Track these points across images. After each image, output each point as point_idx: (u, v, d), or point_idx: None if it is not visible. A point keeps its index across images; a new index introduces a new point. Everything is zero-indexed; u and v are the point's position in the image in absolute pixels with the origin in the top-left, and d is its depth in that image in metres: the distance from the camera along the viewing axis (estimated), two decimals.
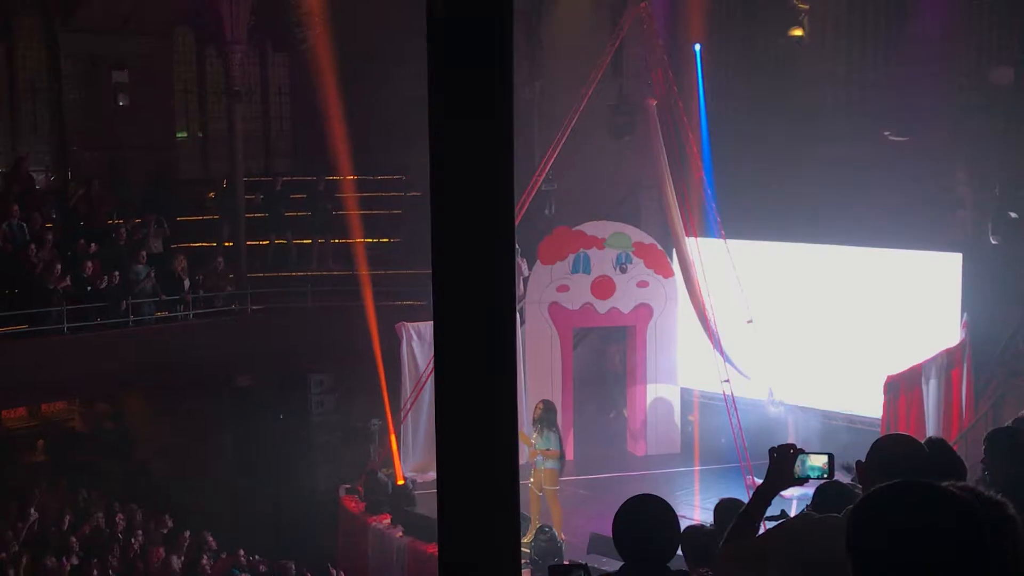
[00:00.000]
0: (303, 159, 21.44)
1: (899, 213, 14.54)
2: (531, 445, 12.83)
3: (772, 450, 3.91)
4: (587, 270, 16.28)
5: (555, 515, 12.95)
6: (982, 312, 14.01)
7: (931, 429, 12.42)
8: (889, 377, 12.36)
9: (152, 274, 17.29)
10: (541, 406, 13.10)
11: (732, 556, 3.89)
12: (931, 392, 12.81)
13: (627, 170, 17.26)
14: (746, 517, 3.93)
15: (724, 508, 6.35)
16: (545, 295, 16.20)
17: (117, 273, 16.88)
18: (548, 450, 12.82)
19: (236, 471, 18.07)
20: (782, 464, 3.86)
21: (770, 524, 4.29)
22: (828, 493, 5.36)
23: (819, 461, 3.85)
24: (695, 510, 13.37)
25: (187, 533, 14.78)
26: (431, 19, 2.81)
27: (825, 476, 3.87)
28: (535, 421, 12.96)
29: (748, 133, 16.04)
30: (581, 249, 16.28)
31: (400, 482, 14.64)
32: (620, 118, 16.69)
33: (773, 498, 3.92)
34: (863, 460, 4.09)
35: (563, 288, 16.25)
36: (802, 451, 3.86)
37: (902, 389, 12.38)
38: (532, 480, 12.99)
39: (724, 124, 16.11)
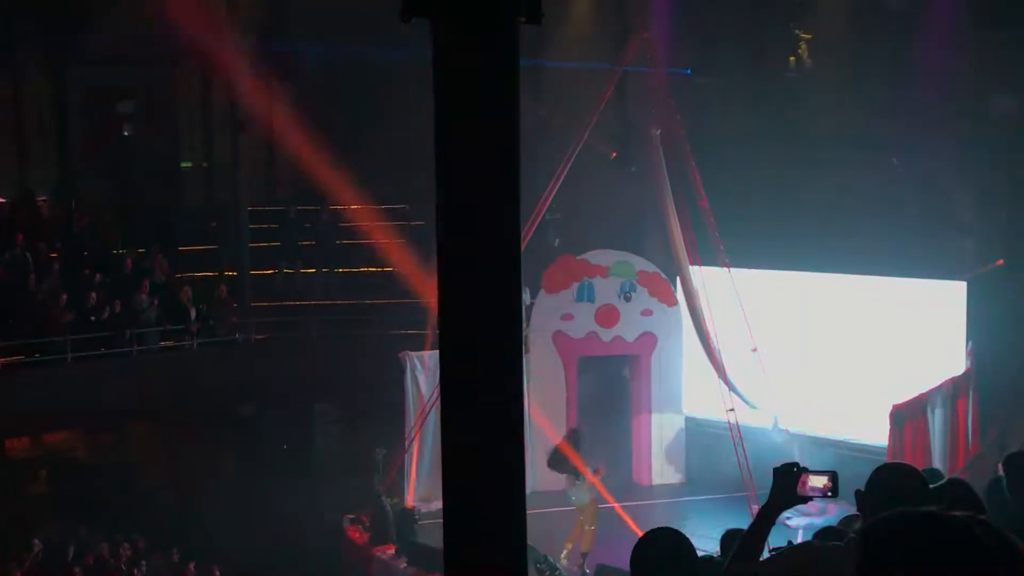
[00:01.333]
0: (307, 189, 21.49)
1: (904, 241, 14.56)
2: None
3: (776, 469, 3.91)
4: (591, 299, 16.28)
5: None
6: (988, 340, 13.99)
7: (937, 458, 12.38)
8: (895, 406, 12.32)
9: (156, 303, 17.32)
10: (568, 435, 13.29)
11: None
12: (937, 421, 12.77)
13: (630, 199, 17.28)
14: (751, 538, 3.92)
15: (731, 539, 6.33)
16: (550, 324, 16.19)
17: (121, 302, 16.91)
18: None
19: (240, 501, 18.01)
20: (786, 483, 3.87)
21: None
22: (830, 534, 5.37)
23: (822, 480, 3.86)
24: (701, 540, 13.28)
25: (192, 565, 14.73)
26: (437, 53, 2.83)
27: (829, 495, 3.87)
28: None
29: (752, 161, 16.07)
30: (585, 278, 16.29)
31: (409, 507, 14.64)
32: (623, 147, 16.73)
33: (777, 516, 3.92)
34: (863, 489, 4.09)
35: (567, 317, 16.24)
36: (806, 470, 3.87)
37: (908, 418, 12.35)
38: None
39: (728, 152, 16.14)
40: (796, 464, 3.91)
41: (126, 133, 19.94)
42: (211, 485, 17.97)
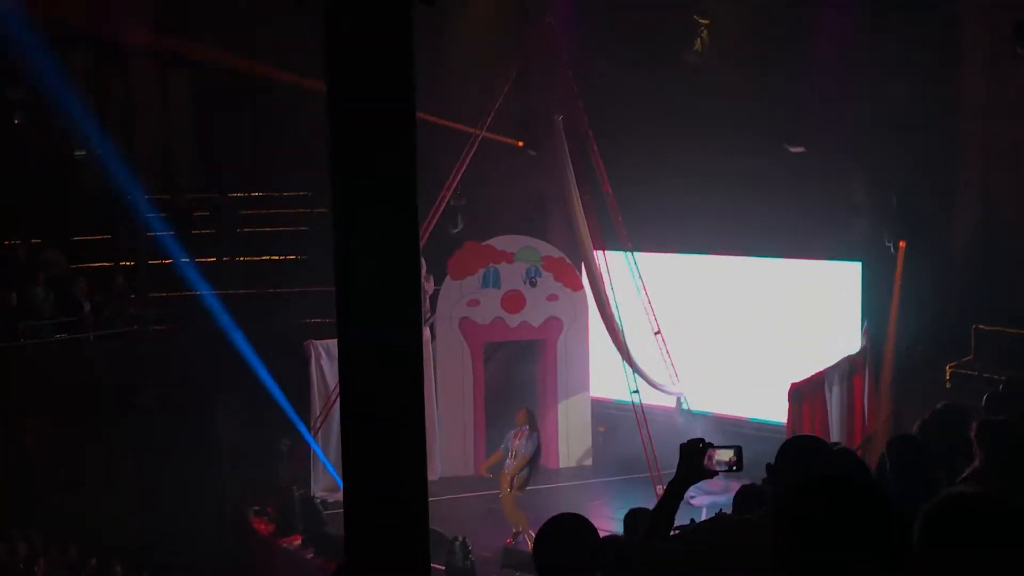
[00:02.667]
0: (206, 176, 21.11)
1: (800, 224, 14.85)
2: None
3: (683, 445, 4.00)
4: (497, 285, 16.32)
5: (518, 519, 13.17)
6: (882, 319, 14.37)
7: (835, 435, 12.68)
8: (793, 384, 12.59)
9: (51, 295, 16.90)
10: (524, 413, 13.42)
11: (656, 554, 3.94)
12: (834, 399, 13.08)
13: (535, 184, 17.34)
14: (661, 513, 4.00)
15: (634, 518, 6.42)
16: (456, 310, 16.19)
17: (14, 294, 16.47)
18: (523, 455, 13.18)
19: (142, 495, 17.66)
20: (692, 458, 3.96)
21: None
22: (747, 497, 5.49)
23: (727, 454, 3.96)
24: (607, 521, 13.43)
25: (93, 561, 14.42)
26: (330, 37, 2.79)
27: (734, 469, 3.97)
28: (519, 428, 13.24)
29: (653, 146, 16.22)
30: (491, 264, 16.32)
31: (315, 496, 14.55)
32: (527, 133, 16.77)
33: (685, 491, 4.02)
34: (772, 463, 4.19)
35: (474, 303, 16.26)
36: (711, 445, 3.97)
37: (806, 396, 12.63)
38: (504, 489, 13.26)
39: (630, 138, 16.27)
40: (702, 440, 4.00)
41: (16, 121, 19.28)
42: (111, 479, 17.59)
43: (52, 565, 14.28)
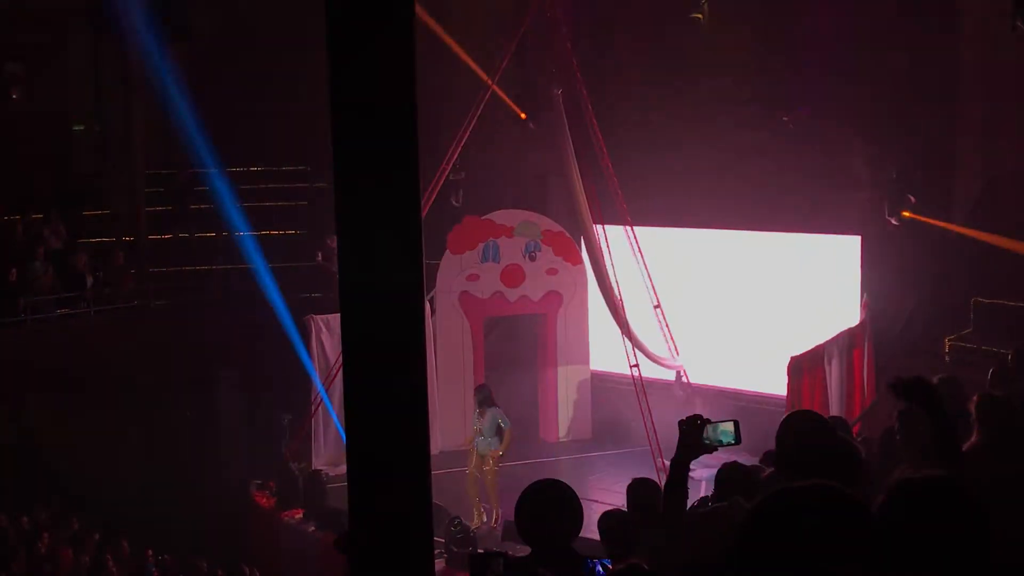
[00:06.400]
0: (204, 152, 21.05)
1: (800, 198, 14.84)
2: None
3: (681, 422, 4.07)
4: (496, 259, 16.32)
5: (492, 495, 13.28)
6: (881, 292, 14.39)
7: (834, 408, 12.72)
8: (793, 358, 12.62)
9: (51, 270, 16.91)
10: (478, 391, 13.54)
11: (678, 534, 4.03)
12: (834, 372, 13.11)
13: (534, 158, 17.31)
14: (672, 489, 4.09)
15: (637, 488, 6.45)
16: (455, 285, 16.20)
17: (14, 270, 16.48)
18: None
19: (144, 469, 17.74)
20: (691, 434, 4.02)
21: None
22: (729, 476, 5.52)
23: (726, 428, 4.02)
24: (607, 493, 13.50)
25: (97, 536, 14.49)
26: (331, 10, 2.79)
27: (733, 442, 4.03)
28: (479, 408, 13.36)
29: (651, 121, 16.19)
30: (490, 238, 16.31)
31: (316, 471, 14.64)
32: (527, 106, 16.72)
33: (687, 467, 4.12)
34: (771, 449, 4.22)
35: (473, 277, 16.27)
36: (708, 421, 4.03)
37: (806, 369, 12.65)
38: (472, 465, 13.38)
39: (627, 112, 16.23)
40: (699, 416, 4.06)
41: (14, 96, 19.24)
42: (114, 454, 17.66)
43: (56, 540, 14.33)
